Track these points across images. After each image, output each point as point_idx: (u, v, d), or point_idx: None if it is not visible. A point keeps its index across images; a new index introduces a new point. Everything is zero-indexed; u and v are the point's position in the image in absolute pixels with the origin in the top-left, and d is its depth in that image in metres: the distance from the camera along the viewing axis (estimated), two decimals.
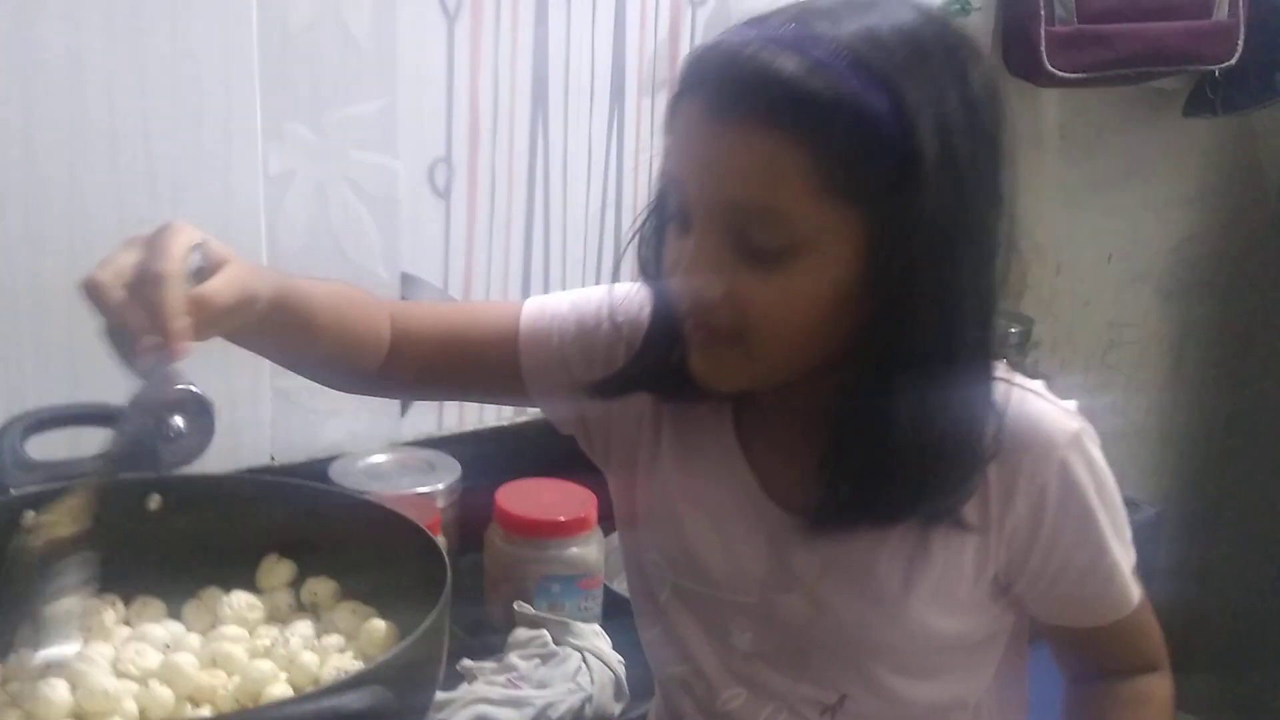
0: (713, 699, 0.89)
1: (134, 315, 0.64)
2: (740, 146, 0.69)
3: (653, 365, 0.82)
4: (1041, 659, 0.92)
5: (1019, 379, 0.80)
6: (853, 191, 0.69)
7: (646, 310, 0.83)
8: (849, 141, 0.68)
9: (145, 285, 0.64)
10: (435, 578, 0.72)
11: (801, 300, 0.71)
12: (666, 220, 0.77)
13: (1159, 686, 0.89)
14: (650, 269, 0.81)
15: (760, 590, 0.84)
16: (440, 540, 0.80)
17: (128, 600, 0.79)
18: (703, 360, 0.76)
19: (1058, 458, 0.77)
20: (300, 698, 0.49)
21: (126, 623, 0.78)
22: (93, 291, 0.64)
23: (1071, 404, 0.82)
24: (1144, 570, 0.85)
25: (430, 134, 1.36)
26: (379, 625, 0.75)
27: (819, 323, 0.72)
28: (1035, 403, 0.79)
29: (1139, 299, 2.22)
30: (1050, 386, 0.82)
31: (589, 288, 0.93)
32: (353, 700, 0.50)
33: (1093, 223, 2.08)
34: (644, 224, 0.81)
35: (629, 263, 0.85)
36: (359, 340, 0.84)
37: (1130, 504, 0.87)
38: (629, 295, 0.86)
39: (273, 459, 1.31)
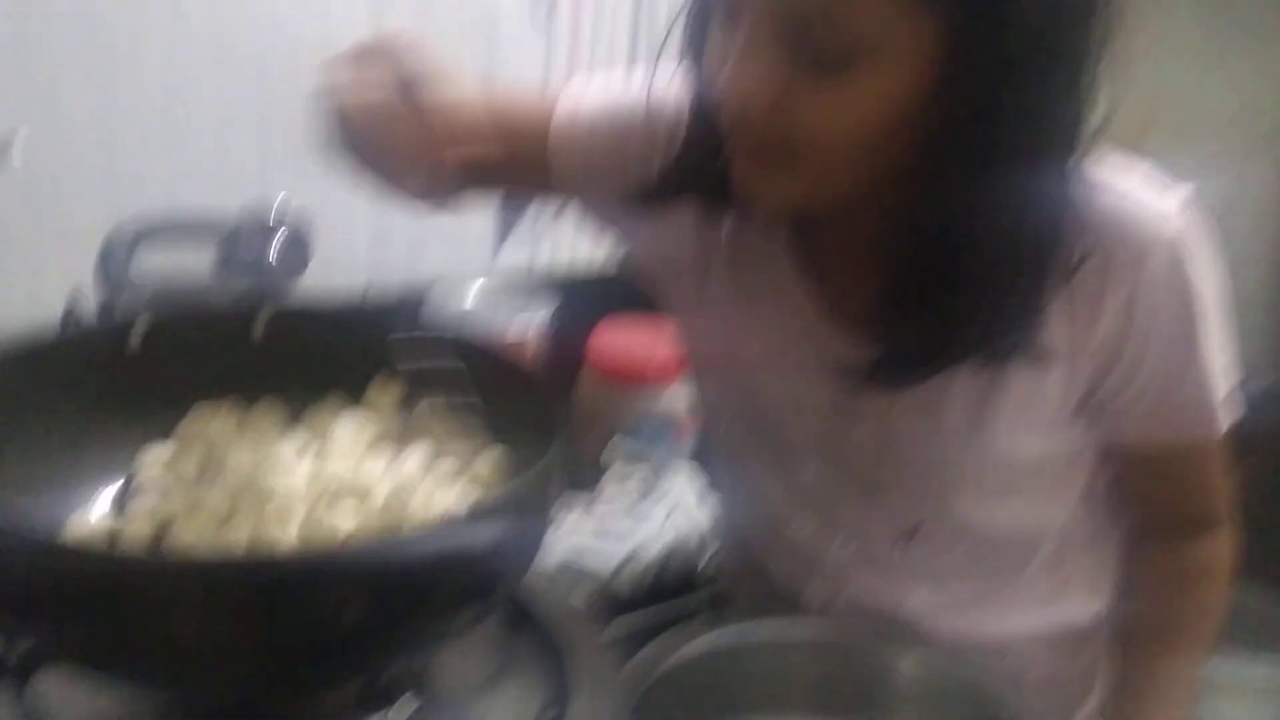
0: (781, 529, 0.86)
1: (420, 126, 0.63)
2: None
3: (693, 172, 0.75)
4: None
5: (1118, 171, 0.72)
6: None
7: (685, 108, 0.74)
8: None
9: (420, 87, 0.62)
10: (541, 413, 0.69)
11: (863, 111, 0.64)
12: (711, 7, 0.68)
13: (1221, 550, 0.84)
14: (692, 61, 0.72)
15: (824, 423, 0.80)
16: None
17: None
18: (748, 174, 0.69)
19: (1153, 264, 0.71)
20: (424, 530, 0.47)
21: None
22: (366, 110, 0.63)
23: (1180, 193, 0.74)
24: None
25: None
26: (493, 454, 0.72)
27: (881, 137, 0.65)
28: (1128, 204, 0.72)
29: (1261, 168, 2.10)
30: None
31: (626, 76, 0.84)
32: (477, 533, 0.48)
33: (1226, 81, 1.94)
34: (691, 8, 0.71)
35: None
36: None
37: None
38: (666, 89, 0.77)
39: (368, 286, 1.30)
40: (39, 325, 0.69)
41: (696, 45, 0.70)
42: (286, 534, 0.64)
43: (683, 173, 0.75)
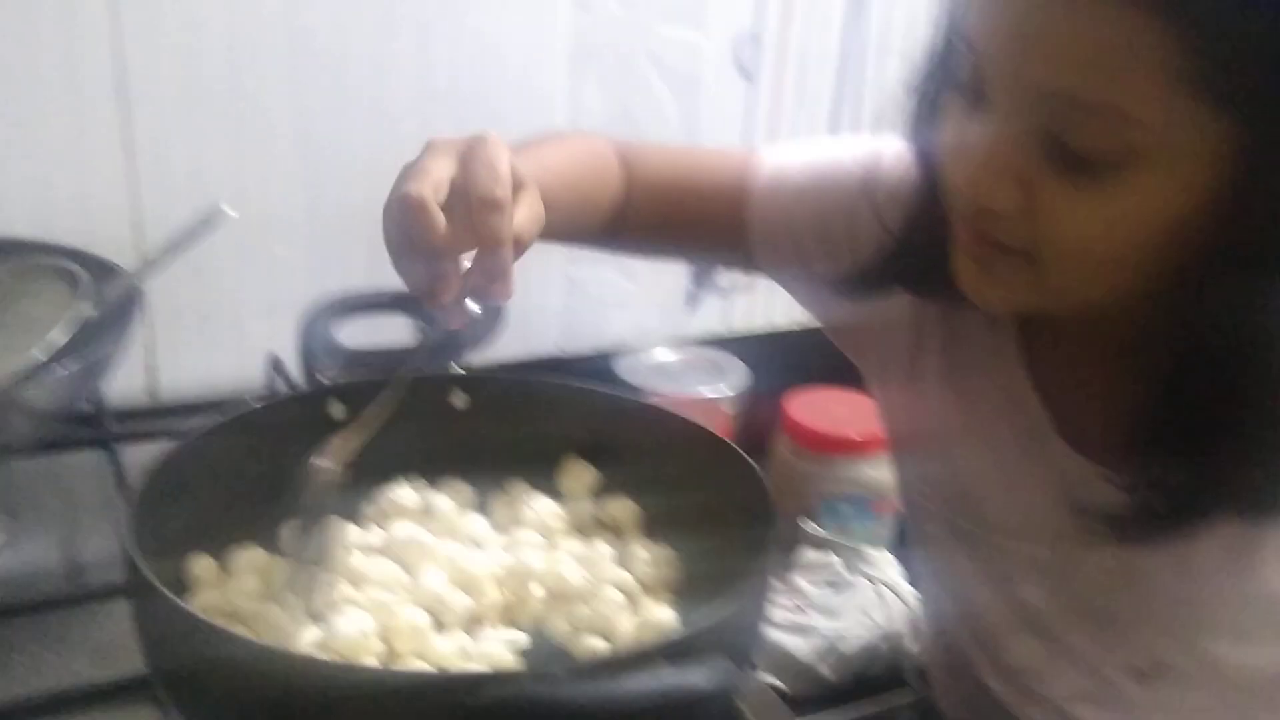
0: (1000, 648, 0.77)
1: (460, 241, 0.56)
2: (1081, 19, 0.52)
3: (911, 261, 0.68)
4: None
5: None
6: (1226, 92, 0.52)
7: (904, 186, 0.67)
8: (1232, 25, 0.50)
9: (480, 211, 0.56)
10: (749, 508, 0.64)
11: (1128, 221, 0.55)
12: (948, 83, 0.61)
13: None
14: (919, 136, 0.65)
15: (1054, 543, 0.71)
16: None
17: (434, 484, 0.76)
18: (976, 275, 0.61)
19: None
20: (635, 669, 0.42)
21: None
22: (413, 207, 0.56)
23: None
24: None
25: (739, 7, 1.25)
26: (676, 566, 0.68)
27: (1145, 249, 0.56)
28: None
29: None
30: None
31: (832, 145, 0.78)
32: (695, 677, 0.43)
33: None
34: (923, 77, 0.64)
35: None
36: (594, 203, 0.77)
37: None
38: (883, 163, 0.71)
39: (560, 350, 1.28)
40: (242, 392, 0.68)
41: (926, 119, 0.63)
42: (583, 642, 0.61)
43: (898, 260, 0.69)
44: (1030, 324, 0.71)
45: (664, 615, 0.63)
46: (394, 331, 0.97)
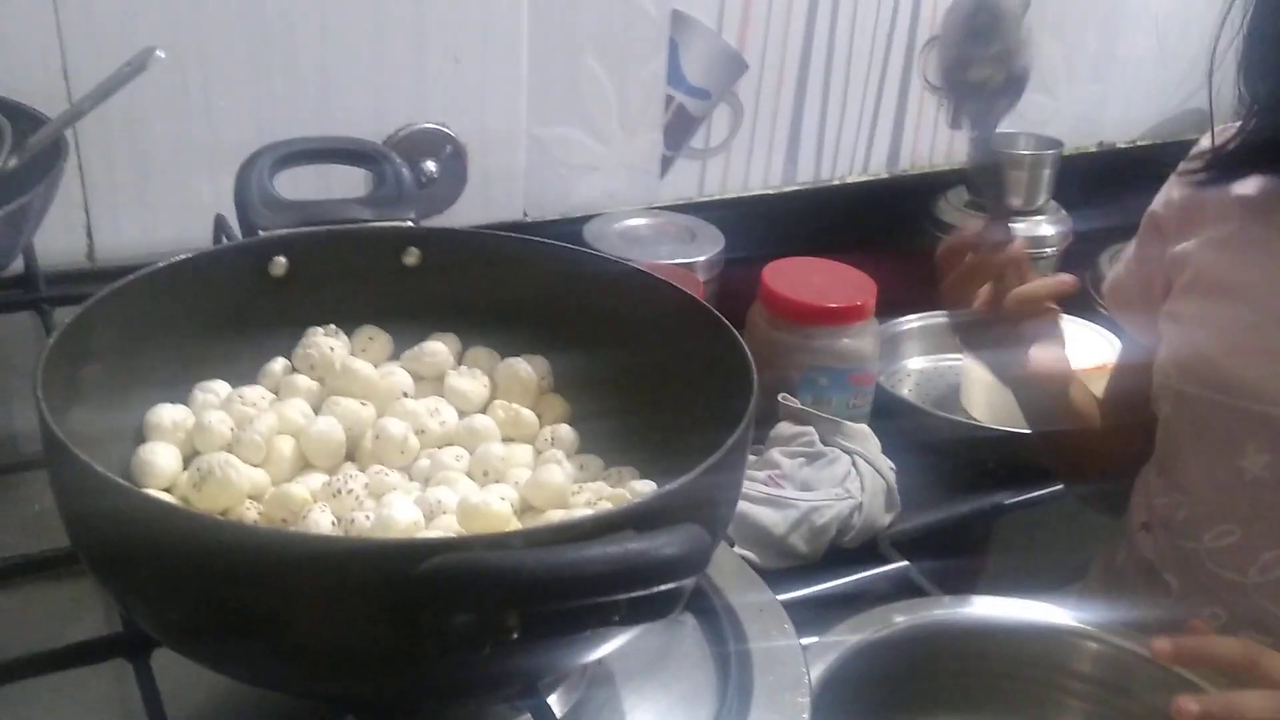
0: (1196, 535, 0.78)
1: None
2: None
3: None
4: None
5: None
6: None
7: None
8: None
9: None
10: (727, 376, 0.59)
11: None
12: None
13: None
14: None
15: None
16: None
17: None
18: None
19: None
20: (592, 535, 0.38)
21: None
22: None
23: None
24: None
25: None
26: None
27: None
28: None
29: None
30: None
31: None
32: (664, 544, 0.38)
33: None
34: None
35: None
36: None
37: None
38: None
39: (525, 214, 1.22)
40: (186, 247, 0.63)
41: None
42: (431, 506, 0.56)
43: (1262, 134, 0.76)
44: None
45: (643, 485, 0.59)
46: (343, 184, 0.91)
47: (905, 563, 0.96)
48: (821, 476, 1.01)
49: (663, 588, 0.39)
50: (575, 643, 0.46)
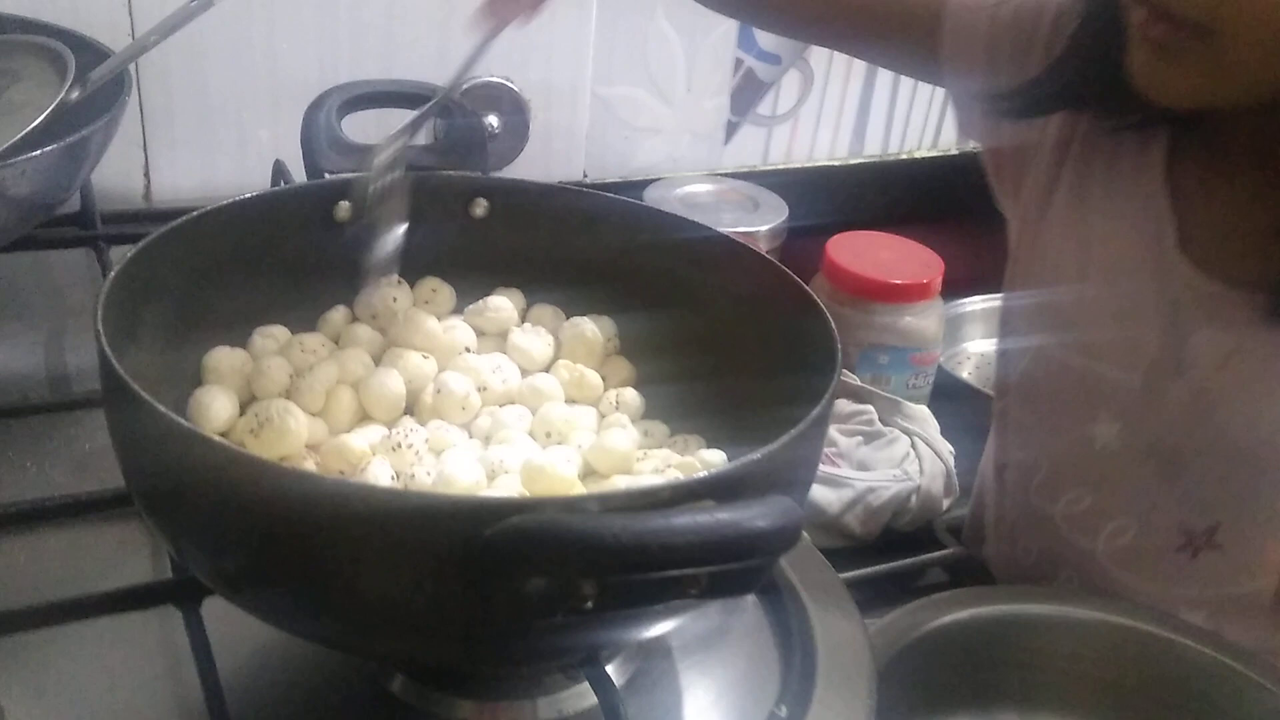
0: (1050, 500, 0.77)
1: None
2: None
3: (1079, 70, 0.69)
4: None
5: None
6: None
7: None
8: None
9: None
10: (808, 345, 0.57)
11: None
12: None
13: None
14: None
15: (1146, 369, 0.70)
16: None
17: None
18: (1151, 61, 0.61)
19: None
20: (671, 503, 0.36)
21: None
22: None
23: None
24: None
25: None
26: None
27: None
28: None
29: None
30: None
31: None
32: (757, 516, 0.36)
33: None
34: None
35: None
36: None
37: None
38: None
39: (585, 175, 1.19)
40: (243, 191, 0.61)
41: None
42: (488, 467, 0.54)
43: (1071, 68, 0.68)
44: (1181, 138, 0.70)
45: (712, 455, 0.57)
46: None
47: (960, 549, 0.93)
48: (879, 457, 0.99)
49: (750, 563, 0.37)
50: (648, 615, 0.44)
